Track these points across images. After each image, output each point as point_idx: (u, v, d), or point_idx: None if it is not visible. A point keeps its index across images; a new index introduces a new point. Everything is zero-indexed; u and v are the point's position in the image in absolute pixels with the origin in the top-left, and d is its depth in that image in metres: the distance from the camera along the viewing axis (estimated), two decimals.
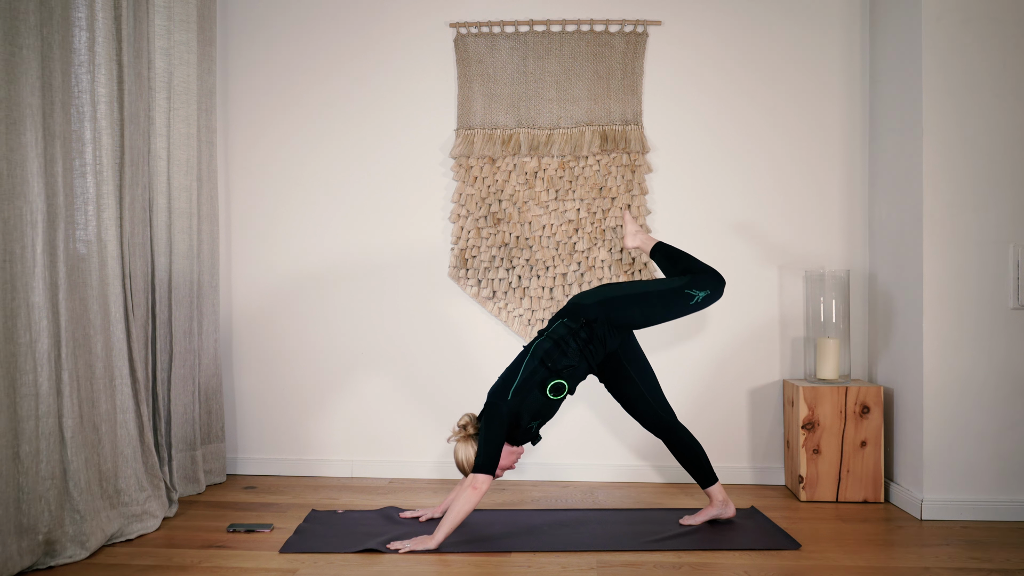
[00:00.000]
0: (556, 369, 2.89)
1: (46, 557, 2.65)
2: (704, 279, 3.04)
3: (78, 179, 2.90)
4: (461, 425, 2.95)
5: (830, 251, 3.81)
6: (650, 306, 2.99)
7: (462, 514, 2.81)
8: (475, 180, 3.87)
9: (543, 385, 2.89)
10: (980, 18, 3.24)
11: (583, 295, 3.06)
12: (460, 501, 2.81)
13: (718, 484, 3.13)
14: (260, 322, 3.99)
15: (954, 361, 3.26)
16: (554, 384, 2.89)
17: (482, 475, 2.81)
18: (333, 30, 3.96)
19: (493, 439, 2.83)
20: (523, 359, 2.93)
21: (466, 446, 2.90)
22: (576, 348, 2.93)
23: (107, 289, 3.00)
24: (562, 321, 3.00)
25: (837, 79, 3.81)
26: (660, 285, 3.04)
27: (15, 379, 2.57)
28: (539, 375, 2.88)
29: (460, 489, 2.88)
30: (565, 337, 2.93)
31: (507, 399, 2.87)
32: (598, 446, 3.86)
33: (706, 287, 3.02)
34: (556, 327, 2.98)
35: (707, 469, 3.12)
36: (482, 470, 2.82)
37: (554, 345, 2.91)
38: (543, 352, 2.91)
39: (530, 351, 2.94)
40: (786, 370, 3.83)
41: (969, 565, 2.72)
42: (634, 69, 3.84)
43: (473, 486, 2.80)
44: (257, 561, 2.77)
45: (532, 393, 2.89)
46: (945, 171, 3.27)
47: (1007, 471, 3.24)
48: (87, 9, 2.92)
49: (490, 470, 2.82)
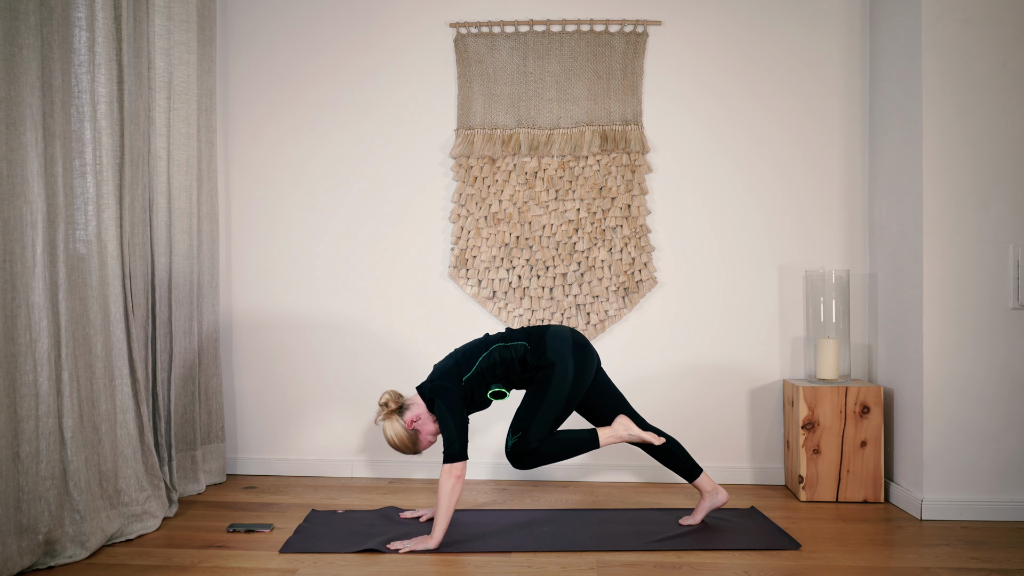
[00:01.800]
0: (502, 380, 3.01)
1: (46, 557, 2.65)
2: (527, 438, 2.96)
3: (78, 179, 2.90)
4: (383, 403, 3.00)
5: (830, 251, 3.81)
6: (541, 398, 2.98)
7: (452, 506, 2.83)
8: (475, 180, 3.87)
9: (488, 387, 3.01)
10: (980, 18, 3.24)
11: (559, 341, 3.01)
12: (445, 494, 2.82)
13: (703, 475, 3.14)
14: (260, 322, 3.99)
15: (954, 361, 3.26)
16: (497, 390, 3.00)
17: (458, 462, 2.84)
18: (333, 30, 3.96)
19: (460, 423, 2.89)
20: (481, 351, 3.02)
21: (392, 422, 2.98)
22: (519, 372, 3.03)
23: (107, 289, 3.00)
24: (523, 344, 3.03)
25: (837, 79, 3.81)
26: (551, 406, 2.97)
27: (15, 379, 2.57)
28: (487, 377, 3.00)
29: (440, 482, 2.86)
30: (516, 360, 3.01)
31: (460, 384, 2.97)
32: None
33: (520, 433, 2.96)
34: (516, 345, 3.03)
35: (688, 463, 3.13)
36: (457, 457, 2.84)
37: (505, 361, 3.00)
38: (496, 361, 3.00)
39: (488, 350, 3.02)
40: (786, 370, 3.83)
41: (969, 565, 2.72)
42: (634, 69, 3.84)
43: (455, 475, 2.82)
44: (257, 561, 2.77)
45: (480, 389, 3.01)
46: (945, 171, 3.27)
47: (1007, 471, 3.24)
48: (87, 9, 2.92)
49: (465, 455, 2.85)
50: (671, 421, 3.80)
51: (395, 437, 2.98)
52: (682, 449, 3.14)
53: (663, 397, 3.83)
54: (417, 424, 2.99)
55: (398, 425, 2.97)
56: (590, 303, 3.83)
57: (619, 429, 3.06)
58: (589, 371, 3.05)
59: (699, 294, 3.85)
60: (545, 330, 3.07)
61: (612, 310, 3.82)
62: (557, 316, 3.84)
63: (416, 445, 3.02)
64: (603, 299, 3.83)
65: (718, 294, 3.84)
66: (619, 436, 3.06)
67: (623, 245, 3.82)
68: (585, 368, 3.03)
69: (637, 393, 3.78)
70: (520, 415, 2.99)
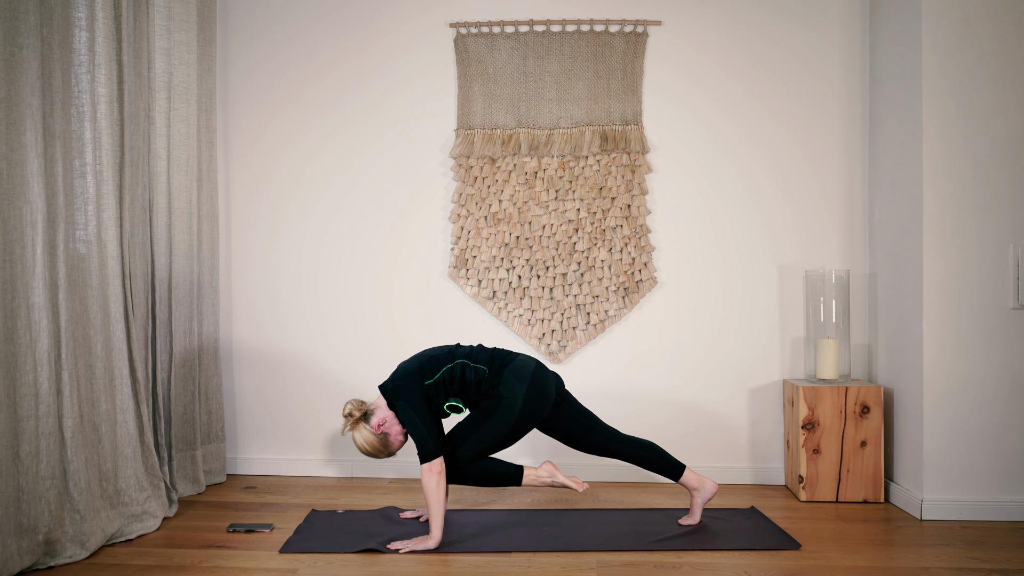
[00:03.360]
0: (459, 395, 3.01)
1: (46, 557, 2.65)
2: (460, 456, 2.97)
3: (78, 179, 2.90)
4: (347, 414, 3.00)
5: (830, 251, 3.81)
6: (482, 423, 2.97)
7: (441, 503, 2.84)
8: (475, 180, 3.87)
9: (446, 398, 3.01)
10: (980, 18, 3.24)
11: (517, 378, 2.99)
12: (431, 493, 2.83)
13: (686, 471, 3.12)
14: (260, 322, 3.99)
15: (954, 361, 3.26)
16: (452, 404, 3.01)
17: (434, 460, 2.84)
18: (333, 30, 3.96)
19: (427, 421, 2.90)
20: (445, 362, 3.01)
21: (360, 431, 2.98)
22: (472, 393, 3.01)
23: (107, 289, 3.00)
24: (484, 369, 3.01)
25: (837, 79, 3.81)
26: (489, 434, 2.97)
27: (15, 379, 2.57)
28: (448, 387, 3.00)
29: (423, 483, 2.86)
30: (472, 382, 3.00)
31: (421, 386, 2.96)
32: None
33: (454, 444, 2.97)
34: (478, 368, 3.01)
35: (668, 464, 3.11)
36: (433, 454, 2.84)
37: (464, 379, 3.00)
38: (456, 376, 2.99)
39: (452, 362, 3.01)
40: (786, 370, 3.83)
41: (969, 565, 2.72)
42: (634, 69, 3.84)
43: (436, 472, 2.83)
44: (257, 561, 2.77)
45: (439, 397, 3.00)
46: (945, 171, 3.27)
47: (1007, 471, 3.24)
48: (87, 9, 2.92)
49: (439, 451, 2.85)
50: (671, 420, 3.81)
51: (365, 444, 2.98)
52: (659, 451, 3.12)
53: (663, 397, 3.83)
54: (384, 427, 2.99)
55: (366, 432, 2.97)
56: (590, 303, 3.83)
57: (542, 474, 3.07)
58: (538, 413, 3.01)
59: (699, 294, 3.85)
60: (509, 361, 3.04)
61: (612, 310, 3.82)
62: (557, 316, 3.84)
63: (388, 448, 3.02)
64: (603, 299, 3.83)
65: (718, 294, 3.84)
66: (542, 480, 3.07)
67: (623, 245, 3.82)
68: (534, 410, 2.99)
69: (638, 393, 3.78)
70: (458, 429, 2.99)
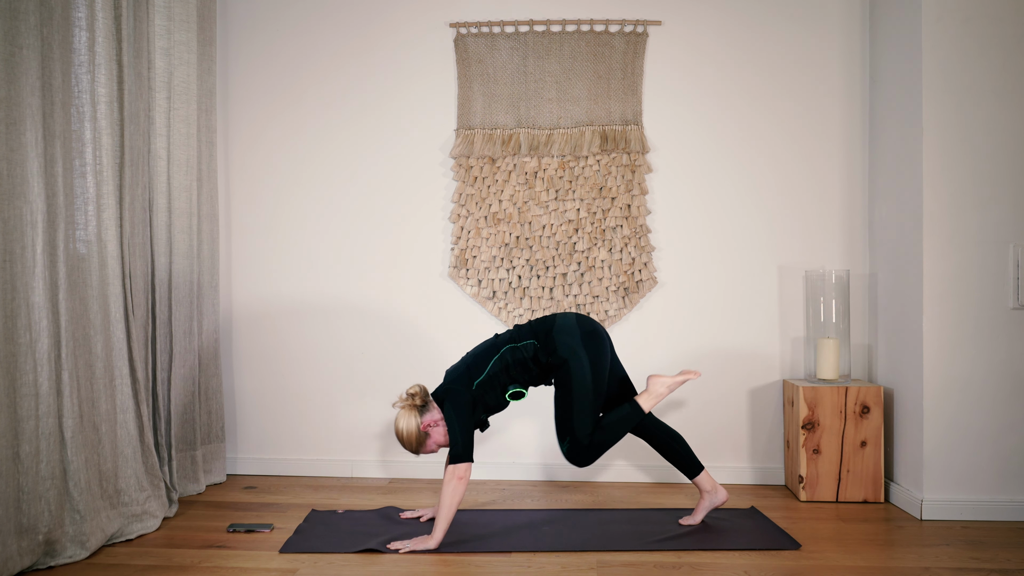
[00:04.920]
0: (518, 380, 3.00)
1: (46, 557, 2.65)
2: (577, 438, 2.95)
3: (78, 179, 2.90)
4: (410, 394, 2.96)
5: (830, 251, 3.81)
6: (563, 400, 2.97)
7: (453, 507, 2.83)
8: (475, 180, 3.87)
9: (504, 389, 2.99)
10: (980, 18, 3.24)
11: (564, 333, 2.99)
12: (447, 495, 2.82)
13: (704, 472, 3.13)
14: (260, 322, 3.99)
15: (954, 361, 3.26)
16: (514, 391, 2.99)
17: (462, 464, 2.83)
18: (333, 30, 3.96)
19: (467, 425, 2.88)
20: (491, 355, 2.99)
21: (409, 416, 2.93)
22: (536, 371, 3.01)
23: (107, 289, 3.00)
24: (533, 343, 3.00)
25: (837, 79, 3.81)
26: (582, 400, 2.95)
27: (15, 379, 2.57)
28: (502, 379, 2.99)
29: (444, 483, 2.86)
30: (529, 360, 2.99)
31: (470, 388, 2.95)
32: None
33: (569, 436, 2.96)
34: (526, 345, 3.00)
35: (690, 460, 3.12)
36: (462, 459, 2.83)
37: (517, 362, 2.98)
38: (510, 361, 2.98)
39: (499, 352, 2.99)
40: (786, 370, 3.83)
41: (969, 565, 2.72)
42: (634, 69, 3.84)
43: (458, 476, 2.82)
44: (257, 561, 2.77)
45: (494, 391, 2.98)
46: (945, 171, 3.27)
47: (1007, 471, 3.24)
48: (87, 9, 2.92)
49: (469, 457, 2.84)
50: (671, 420, 3.81)
51: (404, 430, 2.93)
52: (685, 445, 3.14)
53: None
54: (431, 428, 2.96)
55: (413, 421, 2.92)
56: (590, 303, 3.83)
57: (654, 388, 3.05)
58: (604, 356, 3.01)
59: (699, 294, 3.85)
60: (552, 325, 3.03)
61: (612, 310, 3.82)
62: None
63: (421, 446, 2.98)
64: (603, 299, 3.83)
65: (718, 294, 3.84)
66: (659, 395, 3.04)
67: (623, 245, 3.82)
68: (599, 355, 2.99)
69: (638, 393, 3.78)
70: (559, 419, 2.98)
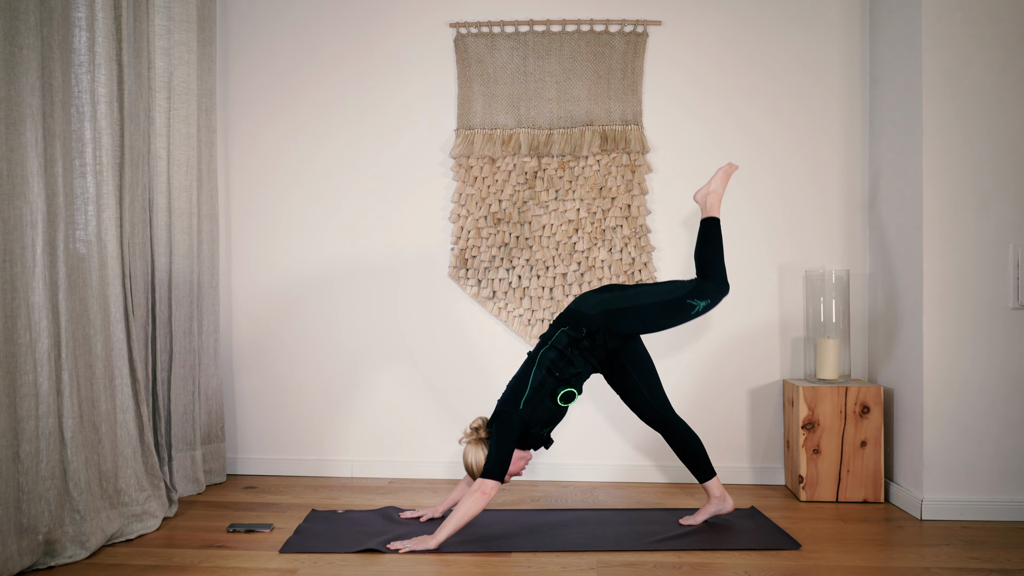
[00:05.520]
0: (564, 378, 2.94)
1: (46, 557, 2.65)
2: (709, 287, 3.02)
3: (78, 179, 2.90)
4: (473, 428, 2.96)
5: (830, 251, 3.81)
6: (651, 317, 3.00)
7: (468, 517, 2.82)
8: (475, 180, 3.87)
9: (553, 394, 2.94)
10: (980, 18, 3.24)
11: (586, 301, 3.03)
12: (467, 504, 2.82)
13: (715, 479, 3.13)
14: (260, 322, 3.99)
15: (954, 361, 3.26)
16: (564, 392, 2.95)
17: (491, 481, 2.83)
18: (333, 30, 3.96)
19: (505, 447, 2.86)
20: (530, 369, 2.96)
21: (476, 449, 2.93)
22: (580, 356, 2.96)
23: (107, 289, 3.00)
24: (563, 330, 2.99)
25: (837, 79, 3.81)
26: (662, 294, 3.01)
27: (15, 379, 2.57)
28: (548, 385, 2.93)
29: (467, 492, 2.88)
30: (568, 346, 2.95)
31: (518, 408, 2.91)
32: (599, 445, 3.86)
33: (707, 296, 3.01)
34: (558, 336, 2.98)
35: (704, 464, 3.12)
36: (491, 476, 2.83)
37: (559, 355, 2.95)
38: (549, 362, 2.94)
39: (536, 361, 2.96)
40: (786, 370, 3.83)
41: (969, 565, 2.72)
42: (634, 69, 3.84)
43: (482, 491, 2.82)
44: (257, 561, 2.77)
45: (543, 403, 2.93)
46: (945, 171, 3.27)
47: (1007, 471, 3.24)
48: (87, 9, 2.92)
49: (499, 476, 2.84)
50: None
51: (474, 464, 2.92)
52: (703, 448, 3.13)
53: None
54: None
55: (481, 454, 2.92)
56: None
57: (710, 192, 3.14)
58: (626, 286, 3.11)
59: None
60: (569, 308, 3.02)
61: None
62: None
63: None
64: None
65: None
66: (716, 192, 3.14)
67: (623, 245, 3.82)
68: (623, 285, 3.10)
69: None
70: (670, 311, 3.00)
